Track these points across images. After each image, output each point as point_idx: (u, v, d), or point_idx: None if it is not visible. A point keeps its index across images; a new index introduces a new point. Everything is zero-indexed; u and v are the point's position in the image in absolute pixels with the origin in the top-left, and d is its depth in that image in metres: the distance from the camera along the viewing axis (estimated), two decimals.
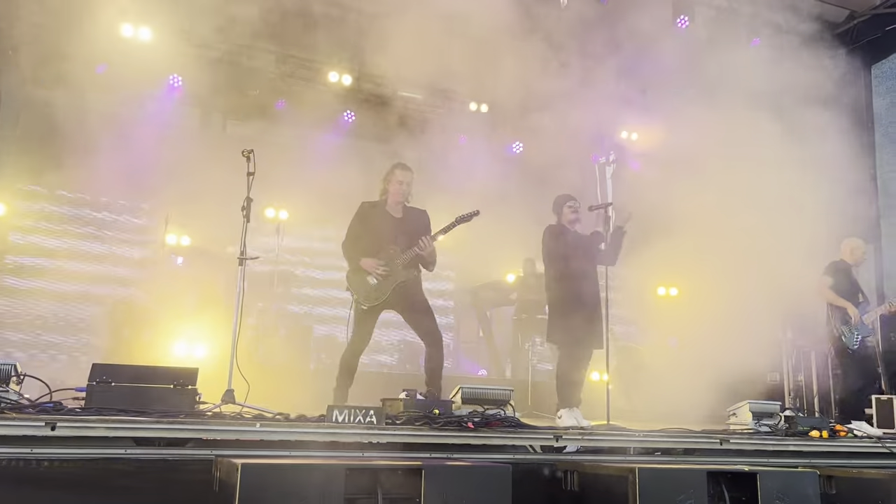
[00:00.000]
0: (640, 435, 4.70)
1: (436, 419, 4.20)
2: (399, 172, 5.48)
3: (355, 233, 5.43)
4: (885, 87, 8.93)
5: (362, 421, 3.91)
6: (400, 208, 5.48)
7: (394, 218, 5.44)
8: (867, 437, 5.48)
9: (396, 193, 5.44)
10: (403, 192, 5.45)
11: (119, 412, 3.68)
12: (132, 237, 9.76)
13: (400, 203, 5.47)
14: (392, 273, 5.25)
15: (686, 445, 4.76)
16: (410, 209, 5.53)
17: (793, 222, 9.66)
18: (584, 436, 4.56)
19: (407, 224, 5.42)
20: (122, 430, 3.47)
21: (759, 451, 4.82)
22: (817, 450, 4.98)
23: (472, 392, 4.83)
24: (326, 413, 3.92)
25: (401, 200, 5.47)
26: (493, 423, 4.31)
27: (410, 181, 5.48)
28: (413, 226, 5.42)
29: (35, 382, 4.05)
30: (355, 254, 5.33)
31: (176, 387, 4.03)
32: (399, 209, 5.48)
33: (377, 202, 5.52)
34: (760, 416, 5.42)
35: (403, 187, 5.44)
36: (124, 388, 3.95)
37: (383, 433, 3.90)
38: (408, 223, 5.43)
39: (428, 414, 4.32)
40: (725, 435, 4.88)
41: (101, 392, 3.90)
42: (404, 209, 5.50)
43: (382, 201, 5.50)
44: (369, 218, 5.43)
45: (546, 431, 4.40)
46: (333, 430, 3.83)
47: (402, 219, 5.45)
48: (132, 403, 3.85)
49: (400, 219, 5.45)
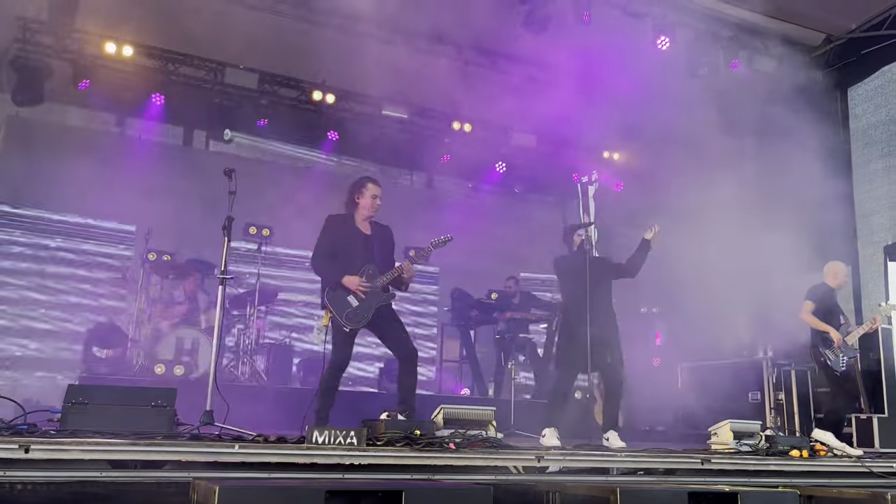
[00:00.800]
0: (622, 455, 4.70)
1: (417, 440, 4.17)
2: (372, 186, 5.29)
3: (328, 248, 5.20)
4: (862, 108, 9.08)
5: (343, 442, 3.87)
6: (368, 224, 5.31)
7: (364, 234, 5.27)
8: (847, 457, 5.51)
9: (368, 208, 5.26)
10: (375, 207, 5.28)
11: (94, 434, 3.62)
12: (112, 254, 9.67)
13: (368, 219, 5.31)
14: (373, 294, 5.11)
15: (667, 465, 4.75)
16: (376, 225, 5.36)
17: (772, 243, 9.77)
18: (566, 456, 4.55)
19: (377, 241, 5.28)
20: (98, 452, 3.41)
21: (741, 471, 4.83)
22: (798, 469, 4.99)
23: (453, 412, 4.80)
24: (306, 434, 3.89)
25: (371, 216, 5.30)
26: (474, 444, 4.29)
27: (380, 195, 5.32)
28: (383, 244, 5.31)
29: (9, 403, 3.99)
30: (333, 271, 5.11)
31: (153, 407, 3.98)
32: (367, 225, 5.31)
33: (345, 216, 5.31)
34: (741, 435, 5.44)
35: (377, 202, 5.27)
36: (100, 408, 3.89)
37: (364, 455, 3.87)
38: (377, 241, 5.29)
39: (409, 435, 4.28)
40: (707, 455, 4.87)
41: (77, 413, 3.84)
42: (371, 225, 5.33)
43: (350, 216, 5.30)
44: (339, 233, 5.22)
45: (528, 452, 4.38)
46: (313, 451, 3.79)
47: (371, 236, 5.29)
48: (108, 425, 3.80)
49: (369, 235, 5.28)
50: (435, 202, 11.81)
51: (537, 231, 13.06)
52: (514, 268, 11.67)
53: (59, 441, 3.38)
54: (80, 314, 9.25)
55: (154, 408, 3.97)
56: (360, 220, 5.30)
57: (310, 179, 10.71)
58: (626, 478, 4.62)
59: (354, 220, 5.29)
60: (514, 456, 4.30)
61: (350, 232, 5.23)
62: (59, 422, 3.87)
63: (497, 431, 4.90)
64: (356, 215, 5.29)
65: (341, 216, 5.33)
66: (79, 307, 9.33)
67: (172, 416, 4.03)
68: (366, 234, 5.28)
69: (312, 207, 10.04)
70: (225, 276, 4.94)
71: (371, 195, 5.27)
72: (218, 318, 5.04)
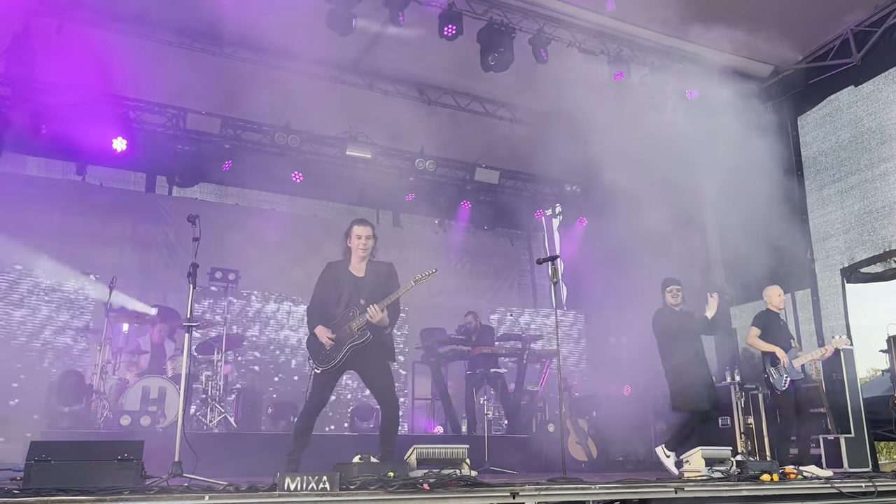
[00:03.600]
0: (597, 487, 4.70)
1: (391, 482, 4.14)
2: (357, 228, 5.41)
3: (319, 296, 5.39)
4: (812, 136, 9.37)
5: (315, 488, 3.82)
6: (363, 266, 5.40)
7: (355, 277, 5.36)
8: (816, 478, 5.58)
9: (357, 250, 5.37)
10: (364, 247, 5.36)
11: (58, 492, 3.52)
12: (75, 304, 9.47)
13: (363, 260, 5.39)
14: (345, 337, 5.17)
15: (642, 496, 4.76)
16: (375, 264, 5.44)
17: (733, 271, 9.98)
18: (541, 491, 4.54)
19: (368, 282, 5.34)
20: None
21: (714, 498, 4.86)
22: (769, 493, 5.05)
23: (426, 452, 4.79)
24: (277, 481, 3.83)
25: (364, 257, 5.39)
26: (448, 484, 4.26)
27: (370, 235, 5.40)
28: (377, 283, 5.33)
29: None
30: (313, 319, 5.31)
31: (120, 461, 3.89)
32: (362, 267, 5.40)
33: (340, 262, 5.46)
34: (713, 462, 5.50)
35: (363, 241, 5.35)
36: (65, 465, 3.80)
37: (337, 499, 3.82)
38: (369, 281, 5.35)
39: (383, 477, 4.26)
40: (680, 483, 4.91)
41: (40, 471, 3.74)
42: (368, 266, 5.41)
43: (346, 260, 5.44)
44: (331, 279, 5.38)
45: (502, 489, 4.36)
46: (285, 499, 3.74)
47: (363, 277, 5.37)
48: (73, 481, 3.71)
49: (361, 278, 5.36)
50: (402, 240, 11.85)
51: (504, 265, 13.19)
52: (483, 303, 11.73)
53: (22, 501, 3.29)
54: (41, 367, 9.01)
55: (120, 461, 3.88)
56: (356, 263, 5.42)
57: (275, 221, 10.68)
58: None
59: (350, 263, 5.43)
60: (489, 493, 4.28)
61: (341, 277, 5.37)
62: (22, 480, 3.77)
63: (471, 469, 4.88)
64: (352, 258, 5.43)
65: (336, 262, 5.48)
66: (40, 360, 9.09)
67: (140, 469, 3.94)
68: (357, 277, 5.38)
69: (278, 249, 10.07)
70: (191, 324, 4.92)
71: (356, 236, 5.39)
72: (185, 366, 4.99)
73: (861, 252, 8.54)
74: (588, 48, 8.70)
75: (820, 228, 9.08)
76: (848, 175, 8.81)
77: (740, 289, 9.76)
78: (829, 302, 8.78)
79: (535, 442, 8.45)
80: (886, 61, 8.42)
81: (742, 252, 9.22)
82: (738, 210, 9.59)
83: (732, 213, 9.79)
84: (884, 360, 7.89)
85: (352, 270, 5.40)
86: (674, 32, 8.76)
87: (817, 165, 9.22)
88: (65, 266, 9.52)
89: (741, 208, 9.52)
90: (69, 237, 9.51)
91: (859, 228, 8.60)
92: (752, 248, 8.94)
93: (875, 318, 8.54)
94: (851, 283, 8.64)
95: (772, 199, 9.27)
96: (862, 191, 8.63)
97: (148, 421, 7.07)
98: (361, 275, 5.38)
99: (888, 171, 8.35)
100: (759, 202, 9.27)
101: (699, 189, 10.40)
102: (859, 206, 8.64)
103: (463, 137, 10.60)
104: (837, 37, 8.86)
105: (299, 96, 9.39)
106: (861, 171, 8.65)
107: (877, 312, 6.77)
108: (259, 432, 8.39)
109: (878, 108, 8.51)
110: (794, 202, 9.32)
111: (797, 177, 9.36)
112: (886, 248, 8.23)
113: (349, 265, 5.42)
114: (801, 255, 9.11)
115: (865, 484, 5.34)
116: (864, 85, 8.69)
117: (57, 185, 10.01)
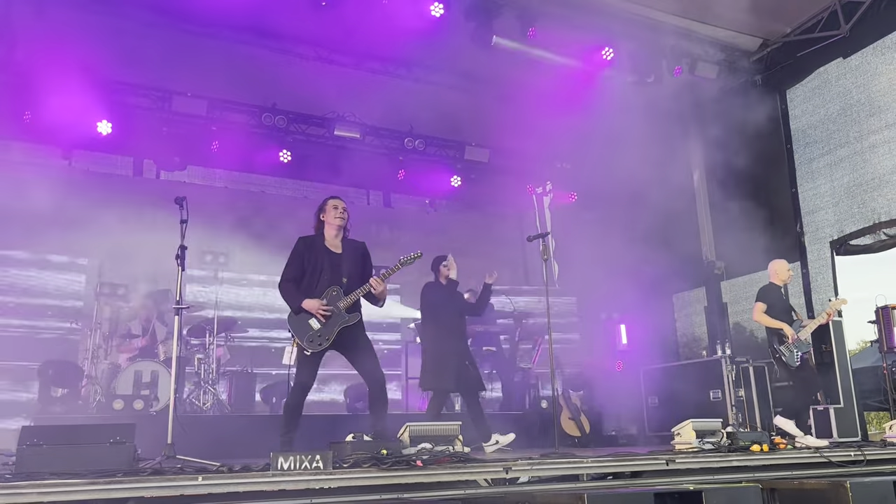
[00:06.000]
0: (589, 461, 4.74)
1: (384, 460, 4.16)
2: (332, 201, 5.34)
3: (294, 272, 5.18)
4: (801, 109, 9.37)
5: (308, 467, 3.83)
6: (339, 242, 5.30)
7: (333, 254, 5.25)
8: (805, 448, 5.64)
9: (334, 221, 5.27)
10: (342, 217, 5.28)
11: (51, 475, 3.52)
12: (63, 290, 9.43)
13: (338, 236, 5.31)
14: (335, 317, 5.08)
15: (634, 468, 4.81)
16: (349, 242, 5.36)
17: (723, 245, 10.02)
18: (534, 465, 4.57)
19: (347, 260, 5.25)
20: (56, 494, 3.31)
21: (704, 469, 4.91)
22: (759, 463, 5.10)
23: (419, 430, 4.81)
24: (271, 461, 3.84)
25: (341, 227, 5.30)
26: (441, 460, 4.28)
27: (345, 207, 5.34)
28: (354, 262, 5.28)
29: None
30: (296, 294, 5.10)
31: (112, 444, 3.88)
32: (338, 243, 5.30)
33: (314, 237, 5.32)
34: (703, 434, 5.55)
35: (339, 211, 5.27)
36: (57, 449, 3.80)
37: (331, 478, 3.84)
38: (348, 259, 5.26)
39: (376, 455, 4.28)
40: (671, 455, 4.95)
41: (32, 455, 3.74)
42: (343, 243, 5.32)
43: (319, 236, 5.31)
44: (307, 255, 5.21)
45: (496, 464, 4.39)
46: (279, 478, 3.75)
47: (342, 255, 5.27)
48: (66, 465, 3.71)
49: (339, 254, 5.26)
50: (393, 220, 11.82)
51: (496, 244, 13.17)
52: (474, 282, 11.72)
53: (14, 485, 3.28)
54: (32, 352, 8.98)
55: (113, 444, 3.88)
56: (331, 239, 5.31)
57: (264, 203, 10.63)
58: (593, 483, 4.66)
59: (324, 239, 5.30)
60: (482, 469, 4.31)
61: (318, 253, 5.22)
62: (15, 465, 3.76)
63: (464, 446, 4.91)
64: (326, 234, 5.31)
65: (311, 238, 5.33)
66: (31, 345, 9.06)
67: (132, 451, 3.94)
68: (335, 254, 5.26)
69: (267, 230, 10.02)
70: (181, 307, 4.88)
71: (332, 207, 5.31)
72: (175, 349, 4.97)
73: (850, 224, 8.58)
74: (576, 24, 8.62)
75: (809, 201, 9.10)
76: (837, 148, 8.82)
77: (730, 263, 9.83)
78: (819, 275, 8.83)
79: (528, 418, 8.51)
80: (875, 33, 8.40)
81: (732, 227, 9.26)
82: (728, 185, 9.63)
83: (722, 188, 9.83)
84: (872, 331, 7.96)
85: (328, 246, 5.28)
86: (661, 6, 8.70)
87: (806, 138, 9.23)
88: (53, 251, 9.47)
89: (730, 183, 9.56)
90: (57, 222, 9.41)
91: (849, 201, 8.63)
92: (741, 222, 8.98)
93: (864, 290, 8.62)
94: (841, 256, 8.68)
95: (761, 173, 9.30)
96: (851, 163, 8.64)
97: (141, 405, 7.06)
98: (339, 251, 5.29)
99: (877, 143, 8.36)
100: (747, 177, 9.30)
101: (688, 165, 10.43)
102: (849, 179, 8.66)
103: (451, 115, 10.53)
104: (825, 9, 8.81)
105: (286, 76, 9.31)
106: (850, 144, 8.66)
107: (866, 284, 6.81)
108: (252, 414, 8.40)
109: (867, 80, 8.50)
110: (783, 176, 9.34)
111: (786, 150, 9.37)
112: (876, 221, 8.27)
113: (324, 241, 5.29)
114: (791, 228, 9.14)
115: (854, 453, 5.41)
116: (853, 57, 8.67)
117: (42, 170, 9.91)
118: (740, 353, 8.67)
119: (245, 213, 10.25)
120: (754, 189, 9.33)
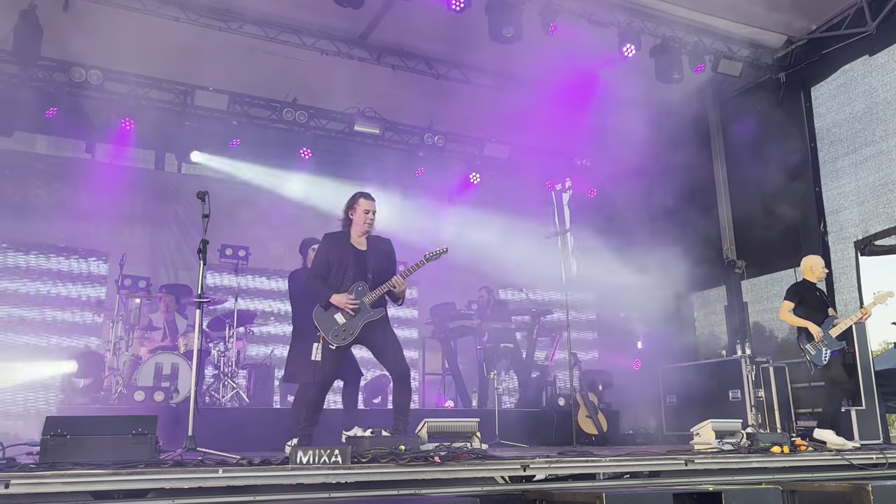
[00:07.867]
0: (607, 460, 4.72)
1: (402, 455, 4.17)
2: (364, 202, 5.34)
3: (321, 268, 5.28)
4: (825, 107, 9.24)
5: (327, 461, 3.85)
6: (364, 240, 5.36)
7: (359, 251, 5.31)
8: (826, 451, 5.58)
9: (362, 224, 5.32)
10: (370, 221, 5.33)
11: (75, 465, 3.57)
12: (87, 282, 9.55)
13: (364, 234, 5.36)
14: (361, 310, 5.15)
15: (652, 468, 4.78)
16: (375, 239, 5.41)
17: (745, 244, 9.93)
18: (552, 463, 4.56)
19: (372, 257, 5.30)
20: (79, 484, 3.36)
21: (724, 470, 4.88)
22: (779, 465, 5.05)
23: (437, 426, 4.81)
24: (290, 455, 3.87)
25: (366, 231, 5.35)
26: (459, 456, 4.29)
27: (375, 210, 5.37)
28: (379, 258, 5.32)
29: None
30: (324, 290, 5.18)
31: (134, 436, 3.92)
32: (363, 241, 5.36)
33: (340, 234, 5.37)
34: (723, 434, 5.51)
35: (370, 216, 5.33)
36: (80, 439, 3.84)
37: (349, 472, 3.86)
38: (373, 256, 5.31)
39: (394, 450, 4.29)
40: (690, 455, 4.92)
41: (56, 445, 3.79)
42: (368, 240, 5.37)
43: (346, 233, 5.36)
44: (333, 251, 5.29)
45: (513, 461, 4.39)
46: (298, 472, 3.77)
47: (367, 251, 5.32)
48: (89, 456, 3.76)
49: (365, 251, 5.32)
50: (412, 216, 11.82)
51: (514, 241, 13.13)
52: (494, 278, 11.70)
53: (39, 475, 3.33)
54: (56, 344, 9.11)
55: (135, 436, 3.92)
56: (356, 237, 5.36)
57: (284, 198, 10.69)
58: (611, 482, 4.64)
59: (350, 236, 5.36)
60: (500, 466, 4.31)
61: (344, 249, 5.29)
62: (39, 455, 3.82)
63: (482, 442, 4.91)
64: (352, 231, 5.36)
65: (337, 234, 5.39)
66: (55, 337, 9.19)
67: (154, 443, 3.98)
68: (360, 250, 5.32)
69: (287, 225, 10.08)
70: (202, 300, 4.91)
71: (363, 210, 5.33)
72: (196, 342, 5.02)
73: (875, 224, 8.45)
74: (598, 19, 8.56)
75: (833, 201, 8.98)
76: (862, 146, 8.69)
77: (751, 262, 9.73)
78: (843, 275, 8.71)
79: (545, 415, 8.49)
80: None
81: (753, 225, 9.17)
82: (750, 183, 9.53)
83: (743, 186, 9.73)
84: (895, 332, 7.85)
85: (353, 243, 5.33)
86: (685, 2, 8.62)
87: (831, 137, 9.10)
88: (76, 244, 9.58)
89: (752, 181, 9.46)
90: (79, 215, 9.53)
91: (874, 201, 8.50)
92: (763, 221, 8.89)
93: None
94: (865, 256, 8.56)
95: (784, 171, 9.18)
96: (877, 162, 8.51)
97: (161, 396, 7.14)
98: (364, 248, 5.34)
99: None
100: (771, 175, 9.19)
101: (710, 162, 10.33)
102: (874, 178, 8.53)
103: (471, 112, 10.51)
104: (852, 5, 8.68)
105: (306, 72, 9.34)
106: (876, 143, 8.53)
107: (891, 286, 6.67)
108: (271, 407, 8.46)
109: (893, 78, 8.36)
110: (807, 174, 9.23)
111: (810, 149, 9.24)
112: None
113: (350, 238, 5.35)
114: (814, 227, 9.03)
115: (876, 456, 5.34)
116: (879, 54, 8.53)
117: (66, 163, 10.04)
118: (760, 352, 8.59)
119: (265, 208, 10.31)
120: (777, 188, 9.22)
